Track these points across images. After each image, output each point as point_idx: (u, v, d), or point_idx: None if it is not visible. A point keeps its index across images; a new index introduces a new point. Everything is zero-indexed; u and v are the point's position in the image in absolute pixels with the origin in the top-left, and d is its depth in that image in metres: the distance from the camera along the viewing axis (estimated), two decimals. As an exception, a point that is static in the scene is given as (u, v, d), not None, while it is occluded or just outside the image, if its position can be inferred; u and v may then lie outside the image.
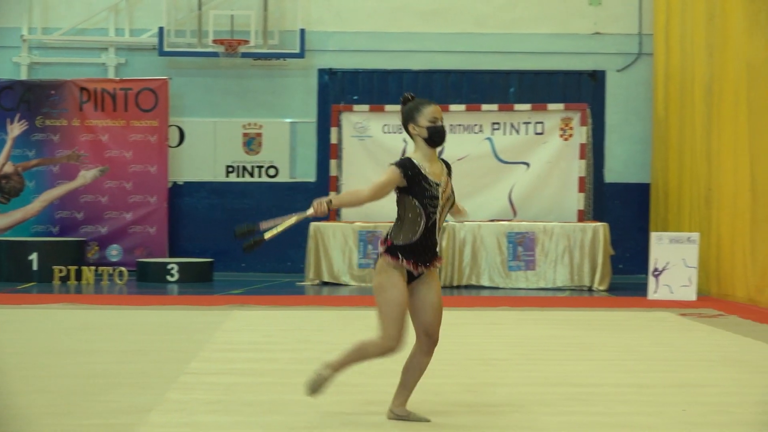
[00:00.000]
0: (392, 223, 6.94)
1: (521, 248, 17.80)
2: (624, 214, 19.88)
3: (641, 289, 16.37)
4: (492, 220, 18.20)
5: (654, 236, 16.36)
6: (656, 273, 15.88)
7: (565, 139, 18.58)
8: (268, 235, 6.68)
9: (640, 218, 19.92)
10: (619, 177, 20.23)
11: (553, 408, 7.57)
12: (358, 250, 18.05)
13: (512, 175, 18.71)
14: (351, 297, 16.24)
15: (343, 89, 20.16)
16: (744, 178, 15.47)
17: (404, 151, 18.75)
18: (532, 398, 7.91)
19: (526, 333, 11.97)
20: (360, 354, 7.02)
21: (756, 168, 15.08)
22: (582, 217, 18.33)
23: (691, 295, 15.65)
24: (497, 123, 18.81)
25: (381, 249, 6.99)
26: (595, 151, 19.31)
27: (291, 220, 6.74)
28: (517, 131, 18.73)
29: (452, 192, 7.05)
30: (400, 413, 7.09)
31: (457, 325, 12.51)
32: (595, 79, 20.11)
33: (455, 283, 17.73)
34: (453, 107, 18.82)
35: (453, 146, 18.69)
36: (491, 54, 20.29)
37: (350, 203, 7.32)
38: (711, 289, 16.64)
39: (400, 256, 6.88)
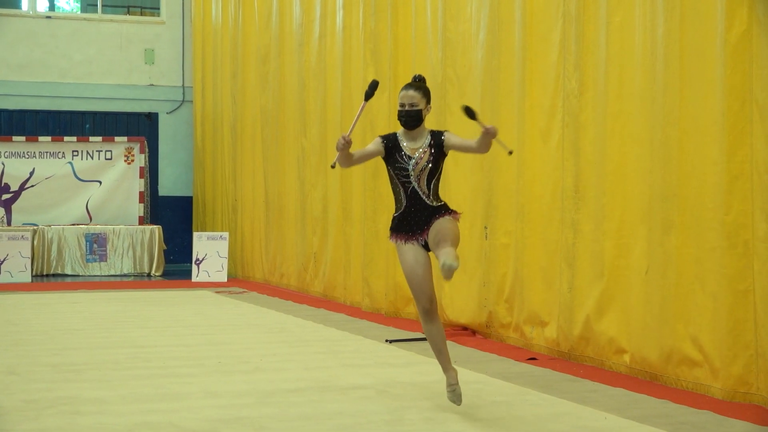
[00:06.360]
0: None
1: (96, 245, 17.39)
2: (174, 218, 19.78)
3: (187, 274, 16.41)
4: (73, 224, 17.66)
5: (196, 235, 16.45)
6: (198, 262, 15.98)
7: (129, 163, 18.34)
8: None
9: (185, 222, 19.90)
10: (169, 191, 20.13)
11: (121, 365, 7.52)
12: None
13: (89, 190, 18.23)
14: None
15: (-51, 124, 18.84)
16: (260, 192, 15.84)
17: (2, 172, 17.91)
18: (106, 358, 7.82)
19: (99, 309, 11.74)
20: (428, 340, 5.83)
21: (268, 185, 15.48)
22: (142, 221, 18.14)
23: (223, 277, 15.87)
24: (77, 151, 18.27)
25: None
26: (151, 173, 19.09)
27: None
28: (92, 157, 18.29)
29: (429, 162, 5.74)
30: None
31: (46, 305, 12.11)
32: (151, 119, 19.89)
33: (44, 272, 17.04)
34: (42, 139, 18.12)
35: (42, 169, 18.07)
36: (72, 99, 19.59)
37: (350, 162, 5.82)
38: (238, 273, 16.93)
39: (392, 232, 5.84)
